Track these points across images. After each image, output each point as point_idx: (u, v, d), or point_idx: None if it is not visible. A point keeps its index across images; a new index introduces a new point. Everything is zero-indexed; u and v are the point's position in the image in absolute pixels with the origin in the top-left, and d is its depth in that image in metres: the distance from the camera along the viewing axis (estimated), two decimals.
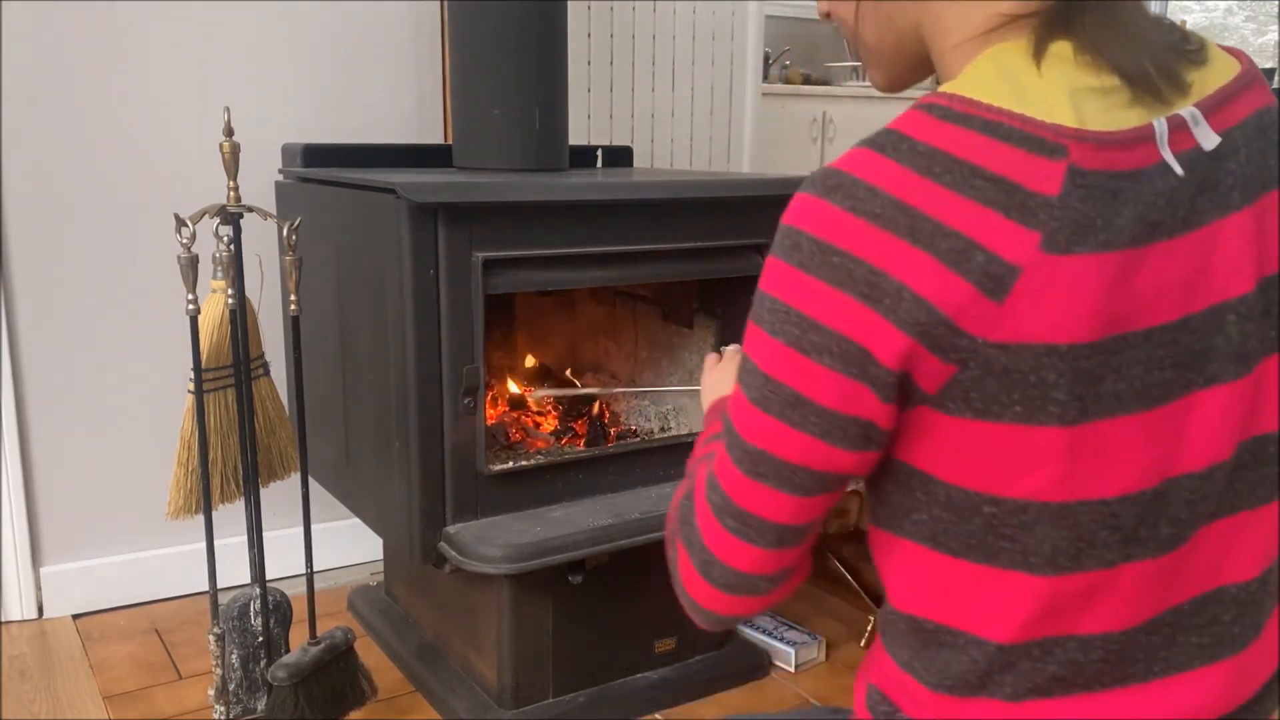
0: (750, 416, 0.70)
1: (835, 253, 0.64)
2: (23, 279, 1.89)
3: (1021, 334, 0.63)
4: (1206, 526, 0.71)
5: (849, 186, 0.65)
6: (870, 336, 0.64)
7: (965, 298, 0.62)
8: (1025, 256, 0.62)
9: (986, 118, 0.65)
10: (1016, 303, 0.62)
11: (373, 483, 1.68)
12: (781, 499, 0.71)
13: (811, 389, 0.67)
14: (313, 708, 1.51)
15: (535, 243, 1.53)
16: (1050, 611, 0.69)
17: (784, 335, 0.67)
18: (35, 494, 1.97)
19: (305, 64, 2.04)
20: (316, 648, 1.53)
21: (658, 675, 1.76)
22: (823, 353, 0.65)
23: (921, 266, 0.63)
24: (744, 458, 0.72)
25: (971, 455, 0.67)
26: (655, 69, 2.52)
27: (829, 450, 0.68)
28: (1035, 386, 0.64)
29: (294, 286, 1.49)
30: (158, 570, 2.06)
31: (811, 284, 0.65)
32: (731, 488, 0.73)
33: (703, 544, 0.77)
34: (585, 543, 1.54)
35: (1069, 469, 0.66)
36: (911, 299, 0.63)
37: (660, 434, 1.89)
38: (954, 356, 0.64)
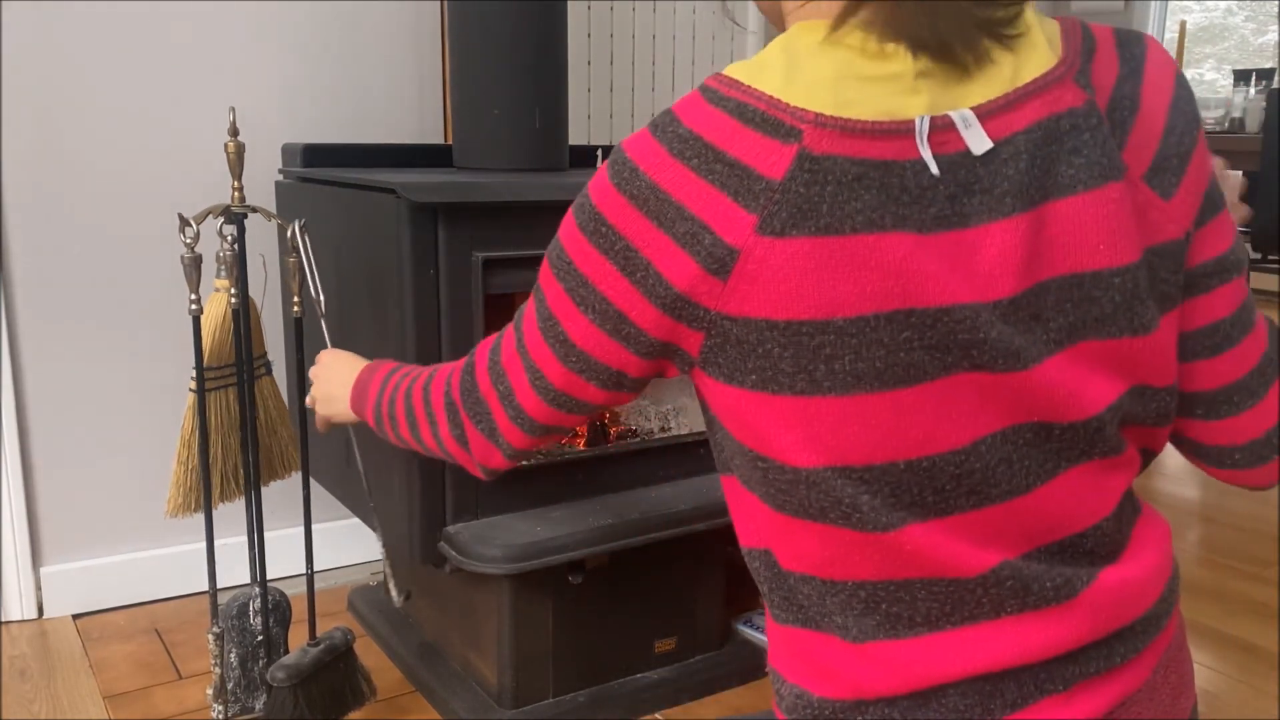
0: (532, 335, 0.82)
1: (605, 224, 0.71)
2: (23, 279, 1.89)
3: (745, 309, 0.67)
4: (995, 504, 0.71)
5: (622, 166, 0.71)
6: (627, 304, 0.72)
7: (695, 277, 0.68)
8: (742, 239, 0.66)
9: (741, 100, 0.68)
10: (738, 282, 0.67)
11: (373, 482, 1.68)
12: (555, 366, 0.81)
13: (575, 334, 0.77)
14: (312, 709, 1.51)
15: (535, 243, 1.53)
16: (852, 553, 0.72)
17: (563, 283, 0.76)
18: (35, 494, 1.97)
19: (305, 64, 2.04)
20: (316, 649, 1.53)
21: (658, 675, 1.76)
22: (589, 308, 0.75)
23: (663, 248, 0.69)
24: (523, 359, 0.84)
25: (735, 415, 0.72)
26: (655, 69, 2.52)
27: (583, 385, 0.80)
28: (764, 357, 0.68)
29: (296, 287, 1.49)
30: (158, 570, 2.06)
31: (587, 247, 0.73)
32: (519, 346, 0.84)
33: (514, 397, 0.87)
34: (585, 543, 1.55)
35: (810, 435, 0.69)
36: (655, 276, 0.70)
37: (660, 434, 1.89)
38: (698, 325, 0.70)
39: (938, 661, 0.74)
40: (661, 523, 1.61)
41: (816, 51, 0.68)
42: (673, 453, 1.74)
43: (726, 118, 0.67)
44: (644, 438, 1.86)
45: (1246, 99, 3.98)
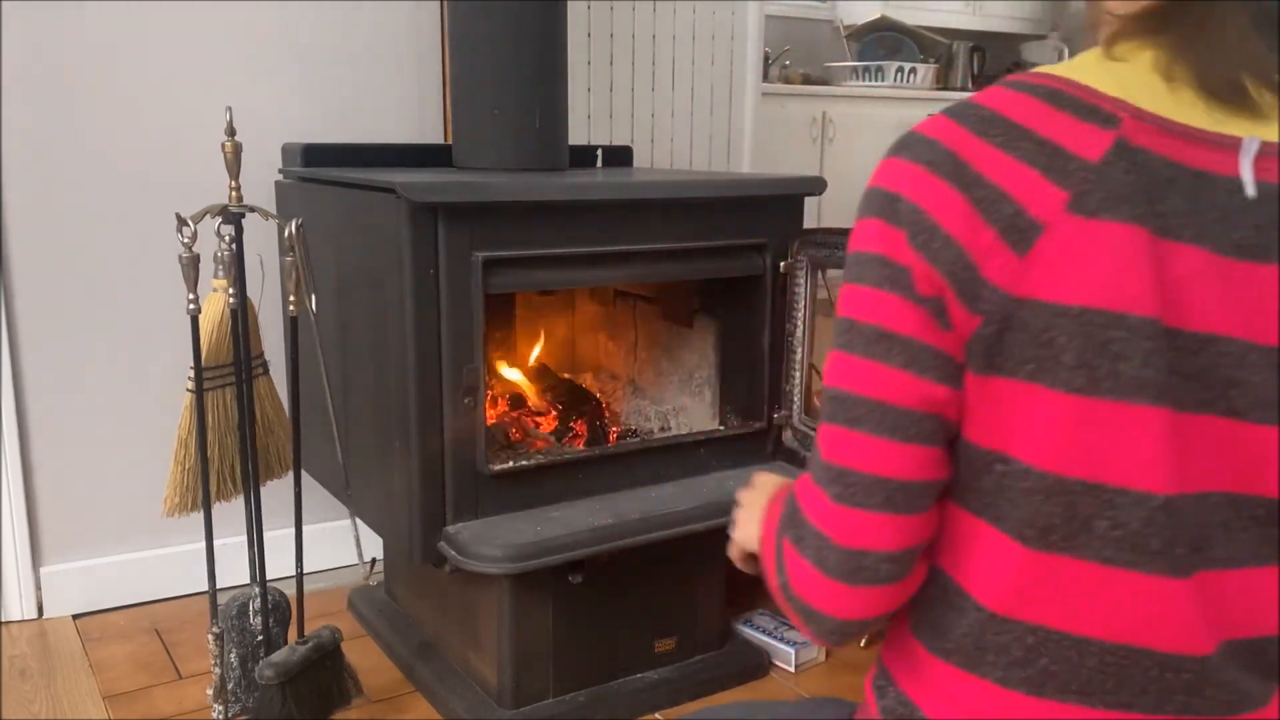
0: (841, 364, 0.72)
1: (895, 198, 0.68)
2: (23, 279, 1.89)
3: (1038, 291, 0.64)
4: (1217, 570, 0.68)
5: (913, 142, 0.69)
6: (914, 269, 0.67)
7: (989, 244, 0.64)
8: (1051, 214, 0.63)
9: (1053, 87, 0.67)
10: (1036, 258, 0.63)
11: (373, 483, 1.68)
12: (880, 446, 0.69)
13: (888, 319, 0.69)
14: (300, 707, 1.51)
15: (535, 243, 1.53)
16: (1048, 586, 0.68)
17: (861, 279, 0.71)
18: (35, 494, 1.97)
19: (306, 64, 2.04)
20: (304, 647, 1.53)
21: (658, 675, 1.76)
22: (892, 284, 0.68)
23: (955, 207, 0.65)
24: (838, 408, 0.71)
25: (985, 412, 0.68)
26: (655, 69, 2.52)
27: (918, 382, 0.68)
28: (1045, 346, 0.64)
29: (295, 286, 1.49)
30: (158, 570, 2.06)
31: (876, 226, 0.69)
32: (830, 448, 0.72)
33: (812, 527, 0.73)
34: (585, 543, 1.54)
35: (1071, 440, 0.65)
36: (944, 238, 0.66)
37: (660, 434, 1.89)
38: (978, 307, 0.65)
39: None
40: (661, 523, 1.60)
41: (1140, 64, 0.67)
42: (673, 453, 1.74)
43: (1035, 100, 0.66)
44: (644, 438, 1.86)
45: None
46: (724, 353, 1.81)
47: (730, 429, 1.79)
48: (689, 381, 1.89)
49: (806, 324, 1.74)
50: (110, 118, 1.91)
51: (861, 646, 1.93)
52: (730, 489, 1.70)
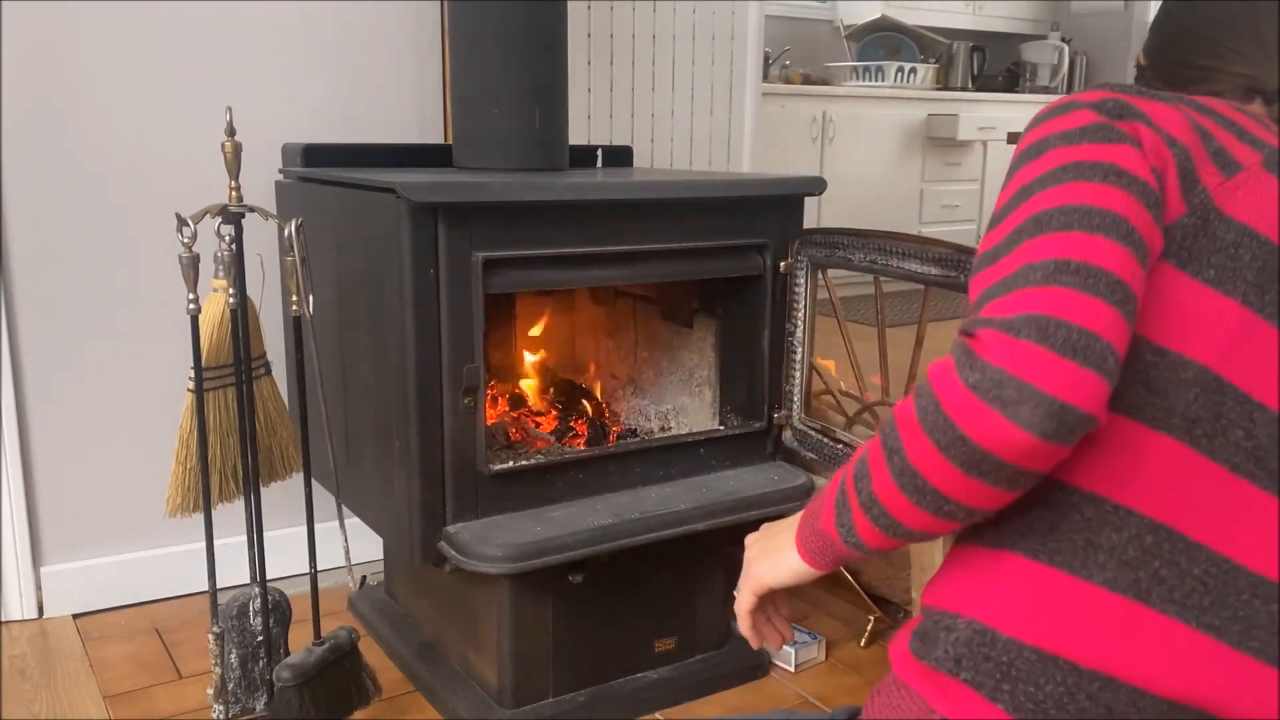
0: (1069, 190, 0.73)
1: (1117, 102, 0.79)
2: (23, 278, 1.89)
3: (1236, 210, 0.75)
4: None
5: (1119, 87, 0.80)
6: (1146, 140, 0.76)
7: (1204, 157, 0.76)
8: (1249, 161, 0.78)
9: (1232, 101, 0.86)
10: (1238, 186, 0.76)
11: (373, 482, 1.68)
12: (1123, 253, 0.70)
13: (1124, 160, 0.75)
14: (318, 708, 1.51)
15: (535, 243, 1.53)
16: (1177, 483, 0.73)
17: (1082, 140, 0.76)
18: (35, 494, 1.97)
19: (305, 64, 2.04)
20: (321, 648, 1.53)
21: (658, 675, 1.76)
22: (1123, 140, 0.76)
23: (1180, 122, 0.78)
24: (1075, 218, 0.71)
25: (1159, 303, 0.73)
26: (655, 69, 2.52)
27: (1147, 214, 0.73)
28: (1233, 258, 0.74)
29: (295, 286, 1.49)
30: (158, 570, 2.06)
31: (1092, 115, 0.78)
32: (1067, 248, 0.70)
33: (1030, 316, 0.67)
34: (585, 543, 1.54)
35: (1235, 346, 0.73)
36: (1169, 137, 0.76)
37: (660, 434, 1.89)
38: (1189, 199, 0.75)
39: (1138, 654, 0.72)
40: (661, 523, 1.61)
41: None
42: (673, 453, 1.74)
43: (1223, 104, 0.82)
44: (644, 438, 1.86)
45: None
46: (724, 353, 1.82)
47: (730, 429, 1.79)
48: (689, 381, 1.89)
49: (806, 324, 1.74)
50: (110, 117, 1.91)
51: (861, 646, 1.93)
52: (730, 488, 1.70)
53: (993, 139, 5.33)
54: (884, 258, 1.58)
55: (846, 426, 1.74)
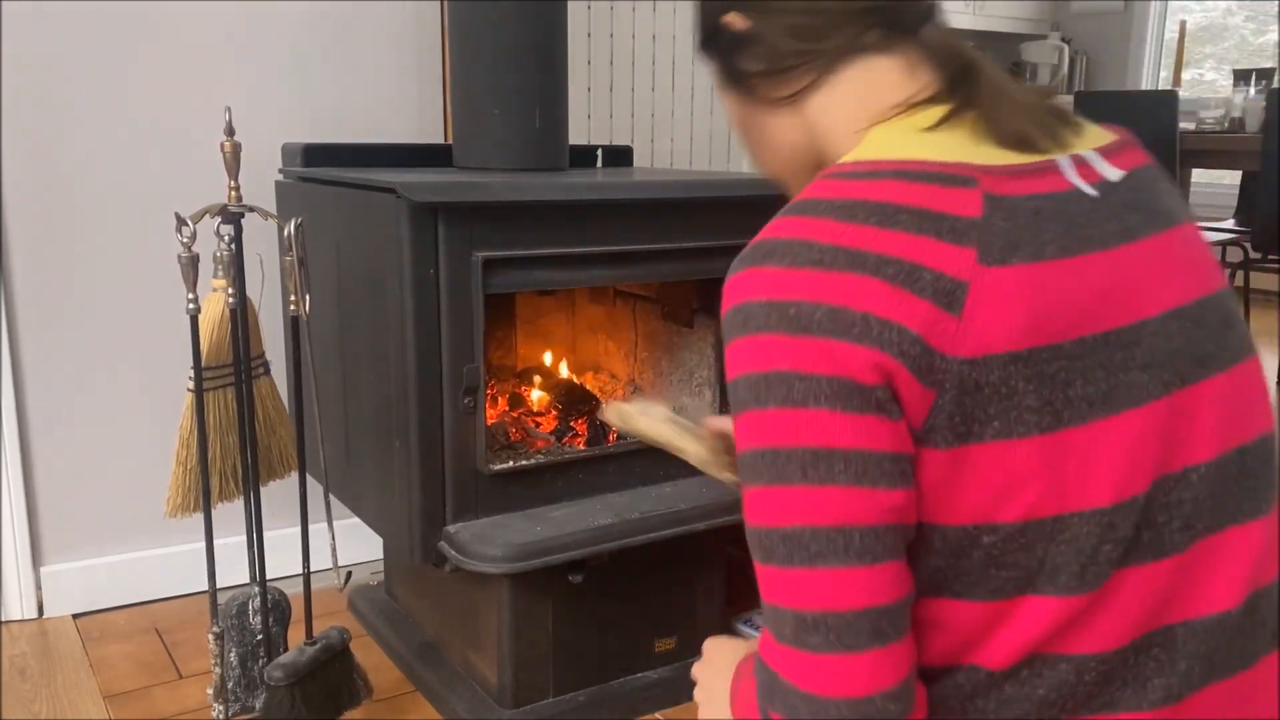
0: (775, 501, 0.66)
1: (790, 305, 0.65)
2: (23, 278, 1.89)
3: (984, 345, 0.64)
4: (1202, 540, 0.70)
5: (781, 248, 0.67)
6: (851, 366, 0.64)
7: (927, 314, 0.63)
8: (967, 271, 0.64)
9: (894, 167, 0.69)
10: (973, 315, 0.64)
11: (373, 482, 1.68)
12: (852, 575, 0.65)
13: (825, 437, 0.64)
14: (309, 707, 1.51)
15: (535, 243, 1.53)
16: (1054, 634, 0.68)
17: (774, 400, 0.65)
18: (35, 494, 1.97)
19: (305, 64, 2.04)
20: (313, 648, 1.53)
21: (658, 675, 1.76)
22: (819, 398, 0.64)
23: (876, 293, 0.64)
24: (791, 550, 0.65)
25: (962, 487, 0.66)
26: (655, 69, 2.52)
27: (871, 494, 0.64)
28: (1007, 398, 0.64)
29: (294, 286, 1.49)
30: (158, 570, 2.06)
31: (777, 341, 0.65)
32: (793, 594, 0.66)
33: (800, 692, 0.66)
34: (585, 543, 1.54)
35: (1056, 479, 0.65)
36: (879, 324, 0.63)
37: None
38: (932, 379, 0.64)
39: None
40: (661, 523, 1.60)
41: (928, 132, 0.73)
42: None
43: (886, 181, 0.68)
44: None
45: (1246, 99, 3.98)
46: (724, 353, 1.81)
47: None
48: (689, 381, 1.89)
49: None
50: (110, 117, 1.91)
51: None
52: (730, 489, 1.70)
53: None
54: None
55: None
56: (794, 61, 0.79)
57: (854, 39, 0.77)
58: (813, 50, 0.78)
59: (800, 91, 0.80)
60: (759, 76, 0.82)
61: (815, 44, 0.78)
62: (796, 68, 0.79)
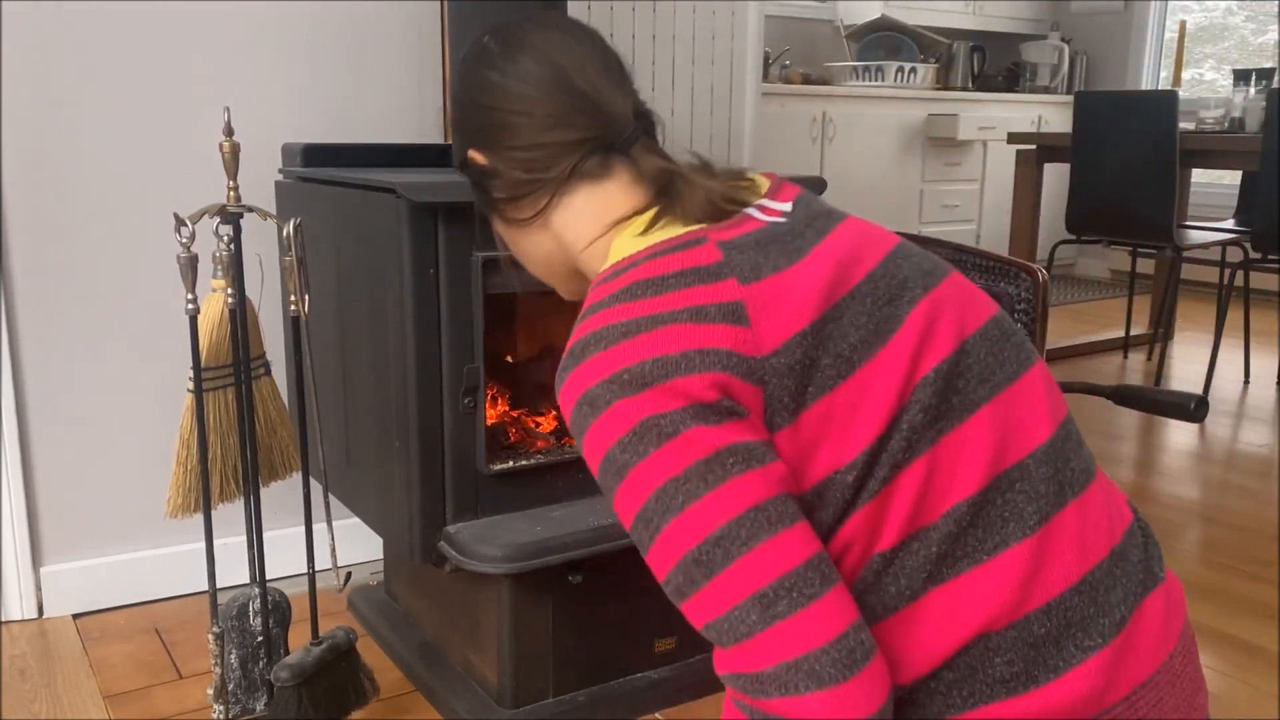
0: (692, 520, 0.76)
1: (622, 373, 0.78)
2: (23, 278, 1.89)
3: (777, 337, 0.78)
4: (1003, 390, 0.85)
5: (592, 339, 0.81)
6: (693, 393, 0.76)
7: (726, 333, 0.78)
8: (737, 292, 0.79)
9: (645, 253, 0.84)
10: (758, 320, 0.78)
11: (373, 482, 1.68)
12: (783, 538, 0.75)
13: (706, 446, 0.76)
14: (316, 708, 1.51)
15: None
16: (919, 501, 0.81)
17: (651, 445, 0.77)
18: (35, 494, 1.97)
19: (305, 64, 2.04)
20: (319, 648, 1.53)
21: (658, 675, 1.76)
22: (684, 422, 0.76)
23: (682, 334, 0.78)
24: (728, 547, 0.75)
25: (813, 447, 0.79)
26: (655, 69, 2.52)
27: (763, 471, 0.77)
28: (811, 366, 0.79)
29: (293, 286, 1.49)
30: (158, 570, 2.06)
31: (627, 404, 0.78)
32: (747, 582, 0.75)
33: (789, 664, 0.74)
34: (585, 543, 1.54)
35: (872, 398, 0.79)
36: (698, 354, 0.77)
37: None
38: (756, 378, 0.77)
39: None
40: None
41: (651, 233, 0.89)
42: None
43: (647, 263, 0.83)
44: None
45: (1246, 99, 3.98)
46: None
47: None
48: None
49: None
50: (109, 117, 1.91)
51: None
52: None
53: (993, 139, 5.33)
54: None
55: None
56: (528, 189, 0.94)
57: (576, 165, 0.92)
58: (540, 179, 0.93)
59: (540, 212, 0.95)
60: (504, 202, 0.97)
61: (543, 174, 0.93)
62: (531, 194, 0.95)
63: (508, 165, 0.95)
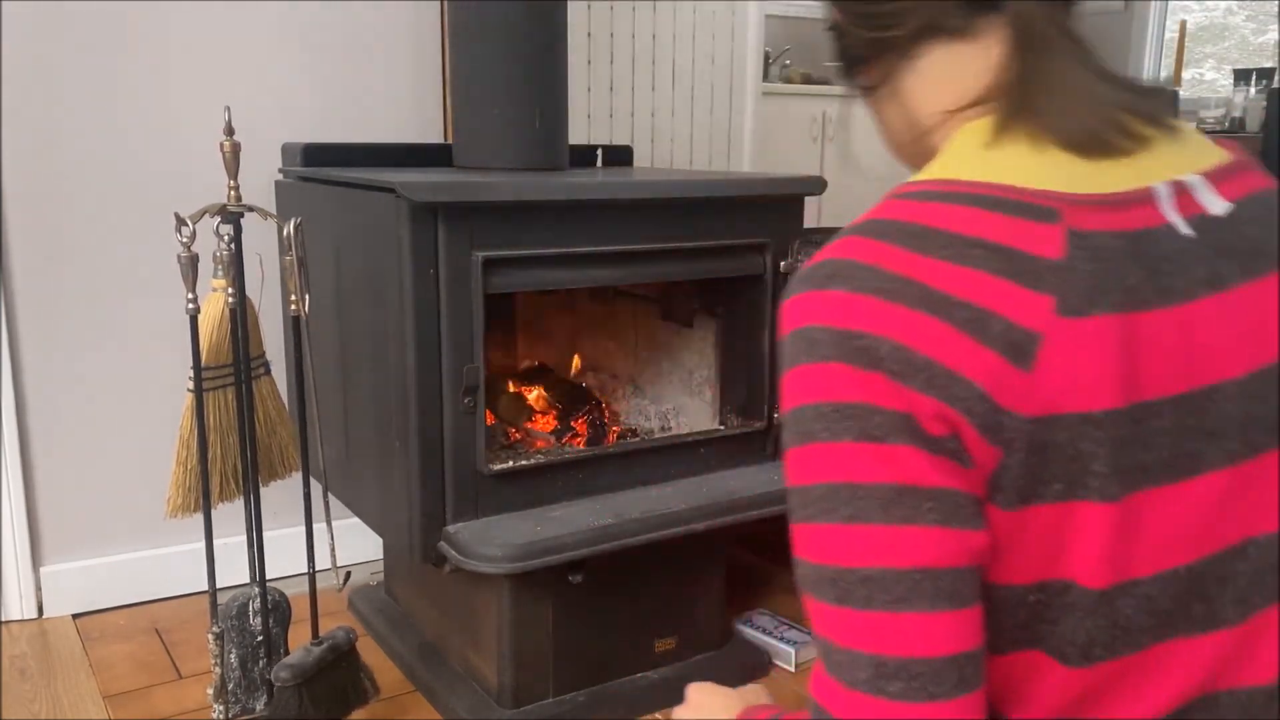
0: (851, 540, 0.61)
1: (857, 336, 0.61)
2: (23, 278, 1.89)
3: (1056, 404, 0.60)
4: (1258, 613, 0.68)
5: (846, 270, 0.63)
6: (920, 411, 0.60)
7: (995, 367, 0.59)
8: (1043, 322, 0.60)
9: (970, 191, 0.64)
10: (1044, 370, 0.59)
11: (373, 482, 1.68)
12: (940, 620, 0.61)
13: (908, 474, 0.60)
14: (316, 708, 1.51)
15: (535, 243, 1.53)
16: (1079, 700, 0.67)
17: (849, 434, 0.61)
18: (35, 494, 1.97)
19: (305, 64, 2.04)
20: (319, 648, 1.53)
21: (658, 675, 1.76)
22: (899, 433, 0.60)
23: (944, 337, 0.60)
24: (872, 592, 0.61)
25: (1019, 548, 0.63)
26: (655, 69, 2.52)
27: (959, 535, 0.61)
28: (1075, 460, 0.61)
29: (293, 286, 1.49)
30: (158, 570, 2.06)
31: (840, 371, 0.61)
32: (874, 641, 0.61)
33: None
34: (585, 543, 1.54)
35: (1110, 548, 0.62)
36: (946, 375, 0.59)
37: (660, 434, 1.89)
38: (999, 438, 0.60)
39: None
40: (661, 523, 1.60)
41: (1005, 145, 0.67)
42: (673, 453, 1.74)
43: (961, 208, 0.63)
44: (644, 438, 1.86)
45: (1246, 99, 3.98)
46: (724, 352, 1.81)
47: (730, 429, 1.79)
48: (689, 381, 1.89)
49: None
50: (109, 117, 1.91)
51: None
52: (730, 488, 1.70)
53: None
54: None
55: None
56: (869, 51, 0.78)
57: (929, 22, 0.72)
58: (882, 39, 0.76)
59: (886, 78, 0.77)
60: (850, 65, 0.81)
61: (884, 32, 0.75)
62: (873, 57, 0.78)
63: (850, 22, 0.79)
